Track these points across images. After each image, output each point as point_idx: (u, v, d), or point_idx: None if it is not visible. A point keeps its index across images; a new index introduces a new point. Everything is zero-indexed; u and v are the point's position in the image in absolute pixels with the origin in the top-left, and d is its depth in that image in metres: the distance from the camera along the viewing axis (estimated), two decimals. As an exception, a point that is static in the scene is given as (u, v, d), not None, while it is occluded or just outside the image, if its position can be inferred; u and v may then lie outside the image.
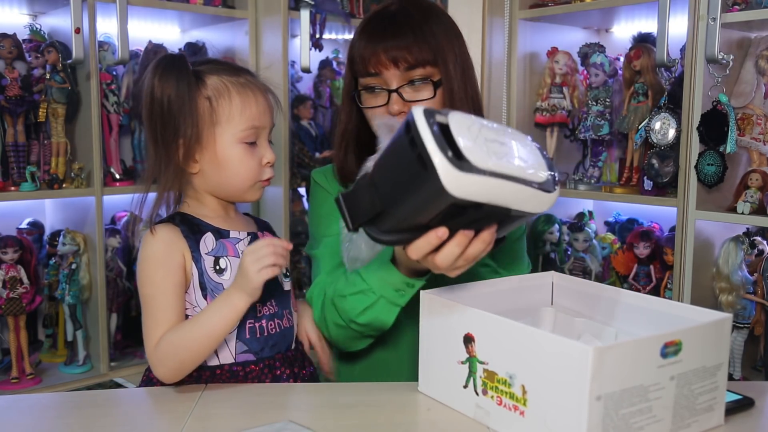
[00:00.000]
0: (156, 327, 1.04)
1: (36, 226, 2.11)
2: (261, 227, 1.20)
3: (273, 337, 1.11)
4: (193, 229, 1.10)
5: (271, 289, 1.10)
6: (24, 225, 2.09)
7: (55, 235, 2.05)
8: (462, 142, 0.73)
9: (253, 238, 1.14)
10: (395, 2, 1.24)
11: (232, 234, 1.12)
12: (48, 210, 2.17)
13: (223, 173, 1.10)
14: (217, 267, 1.08)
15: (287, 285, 1.16)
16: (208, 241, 1.09)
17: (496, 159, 0.75)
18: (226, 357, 1.08)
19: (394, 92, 1.18)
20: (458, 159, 0.72)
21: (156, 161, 1.09)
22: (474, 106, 1.24)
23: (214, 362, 1.07)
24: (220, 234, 1.11)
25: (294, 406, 0.99)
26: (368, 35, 1.20)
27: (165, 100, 1.05)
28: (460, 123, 0.76)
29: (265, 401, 0.99)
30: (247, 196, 1.13)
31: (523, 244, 1.35)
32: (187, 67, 1.08)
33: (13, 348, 1.91)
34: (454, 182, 0.72)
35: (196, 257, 1.08)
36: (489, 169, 0.73)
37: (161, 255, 1.06)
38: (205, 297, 1.07)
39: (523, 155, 0.79)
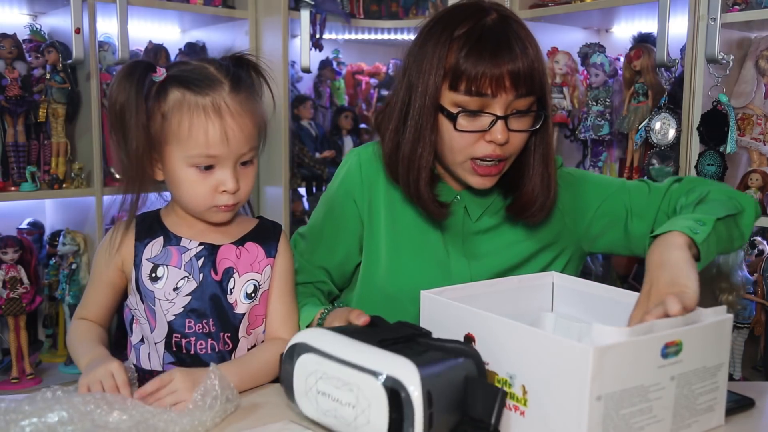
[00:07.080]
0: (79, 309, 1.14)
1: (36, 226, 2.11)
2: (262, 233, 1.13)
3: (205, 357, 1.07)
4: (150, 231, 1.09)
5: (214, 307, 1.07)
6: (24, 225, 2.09)
7: (55, 235, 2.05)
8: (296, 389, 0.91)
9: (208, 249, 1.08)
10: (490, 12, 1.11)
11: (183, 242, 1.08)
12: (48, 210, 2.17)
13: (175, 191, 1.07)
14: (153, 275, 1.07)
15: (242, 308, 1.08)
16: (154, 247, 1.08)
17: (321, 414, 0.88)
18: (156, 364, 1.08)
19: (502, 119, 1.08)
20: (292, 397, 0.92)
21: (119, 163, 1.09)
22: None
23: (146, 366, 1.08)
24: (171, 240, 1.08)
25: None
26: (490, 53, 1.06)
27: (117, 107, 1.01)
28: (302, 369, 0.90)
29: (265, 401, 0.99)
30: (205, 217, 1.07)
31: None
32: (144, 77, 1.02)
33: (14, 348, 1.91)
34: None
35: (137, 262, 1.07)
36: (311, 417, 0.90)
37: (101, 252, 1.11)
38: (143, 301, 1.07)
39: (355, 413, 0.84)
